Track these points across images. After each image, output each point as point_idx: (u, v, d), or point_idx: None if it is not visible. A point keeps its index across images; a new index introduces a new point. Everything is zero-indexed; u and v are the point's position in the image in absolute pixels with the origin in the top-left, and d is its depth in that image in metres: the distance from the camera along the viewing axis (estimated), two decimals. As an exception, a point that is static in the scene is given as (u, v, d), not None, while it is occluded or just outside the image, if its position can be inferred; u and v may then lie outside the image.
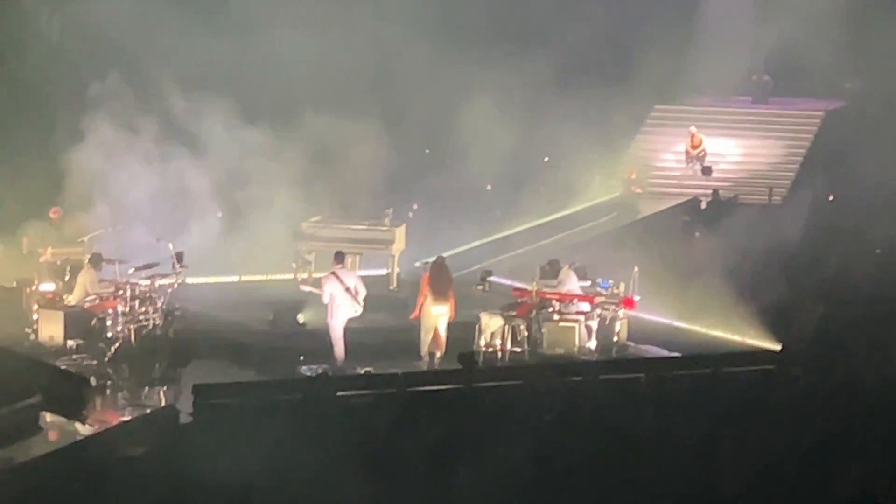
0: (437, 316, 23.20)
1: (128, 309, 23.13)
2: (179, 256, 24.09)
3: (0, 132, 29.19)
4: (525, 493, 17.61)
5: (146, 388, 22.45)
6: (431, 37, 33.29)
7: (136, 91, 28.14)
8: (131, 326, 23.13)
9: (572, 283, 24.12)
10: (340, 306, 22.75)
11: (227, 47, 30.39)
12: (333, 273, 22.98)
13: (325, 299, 22.80)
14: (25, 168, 28.59)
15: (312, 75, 31.97)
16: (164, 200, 27.12)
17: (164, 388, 22.49)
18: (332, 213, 28.27)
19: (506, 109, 33.01)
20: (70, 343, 22.92)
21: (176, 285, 24.07)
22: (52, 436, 19.38)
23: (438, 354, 23.33)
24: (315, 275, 25.71)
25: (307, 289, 23.74)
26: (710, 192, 37.16)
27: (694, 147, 39.50)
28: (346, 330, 22.88)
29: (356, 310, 22.91)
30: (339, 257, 23.36)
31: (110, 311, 23.03)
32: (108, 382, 21.99)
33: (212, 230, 27.72)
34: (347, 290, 22.77)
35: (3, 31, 30.75)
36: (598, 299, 24.02)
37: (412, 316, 23.47)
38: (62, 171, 27.48)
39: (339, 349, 22.86)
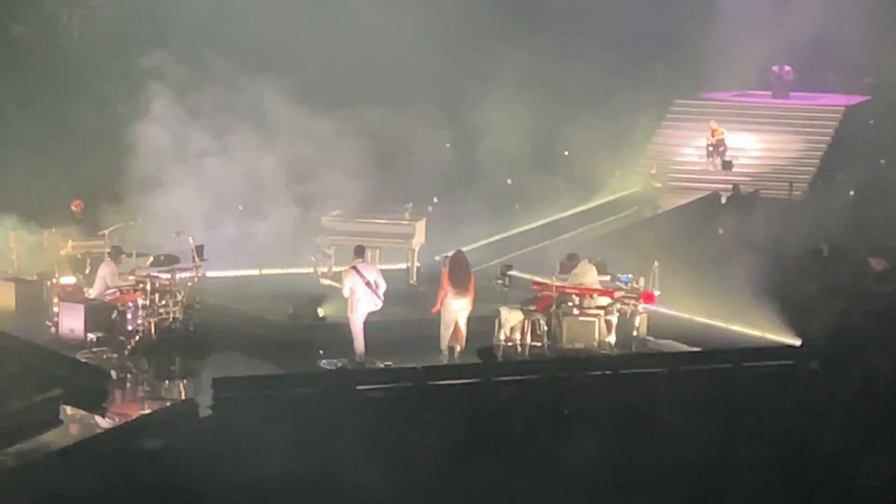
0: (457, 310, 23.14)
1: (148, 302, 23.16)
2: (199, 250, 24.15)
3: (16, 128, 29.31)
4: (543, 487, 17.61)
5: (166, 382, 22.54)
6: (450, 30, 33.31)
7: (163, 83, 28.19)
8: (151, 320, 23.16)
9: (591, 278, 24.09)
10: (361, 300, 22.73)
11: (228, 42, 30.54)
12: (354, 267, 22.94)
13: (346, 293, 22.77)
14: (46, 162, 28.70)
15: (329, 69, 32.04)
16: (186, 194, 27.13)
17: (184, 381, 22.54)
18: (352, 207, 28.25)
19: (525, 104, 32.96)
20: (90, 336, 22.93)
21: (196, 279, 24.14)
22: (73, 429, 19.42)
23: (458, 348, 23.28)
24: (335, 269, 25.71)
25: (327, 282, 23.77)
26: (730, 186, 37.13)
27: (715, 141, 39.51)
28: (366, 324, 22.83)
29: (376, 304, 22.89)
30: (360, 251, 23.32)
31: (130, 304, 23.06)
32: (128, 375, 22.06)
33: (232, 223, 27.76)
34: (368, 284, 22.73)
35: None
36: (617, 294, 23.94)
37: (433, 310, 23.44)
38: (82, 165, 27.56)
39: (359, 343, 22.83)
